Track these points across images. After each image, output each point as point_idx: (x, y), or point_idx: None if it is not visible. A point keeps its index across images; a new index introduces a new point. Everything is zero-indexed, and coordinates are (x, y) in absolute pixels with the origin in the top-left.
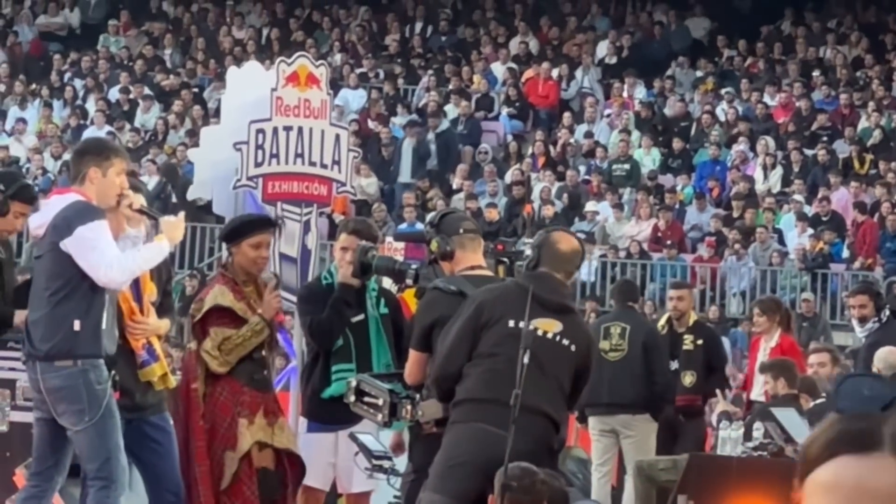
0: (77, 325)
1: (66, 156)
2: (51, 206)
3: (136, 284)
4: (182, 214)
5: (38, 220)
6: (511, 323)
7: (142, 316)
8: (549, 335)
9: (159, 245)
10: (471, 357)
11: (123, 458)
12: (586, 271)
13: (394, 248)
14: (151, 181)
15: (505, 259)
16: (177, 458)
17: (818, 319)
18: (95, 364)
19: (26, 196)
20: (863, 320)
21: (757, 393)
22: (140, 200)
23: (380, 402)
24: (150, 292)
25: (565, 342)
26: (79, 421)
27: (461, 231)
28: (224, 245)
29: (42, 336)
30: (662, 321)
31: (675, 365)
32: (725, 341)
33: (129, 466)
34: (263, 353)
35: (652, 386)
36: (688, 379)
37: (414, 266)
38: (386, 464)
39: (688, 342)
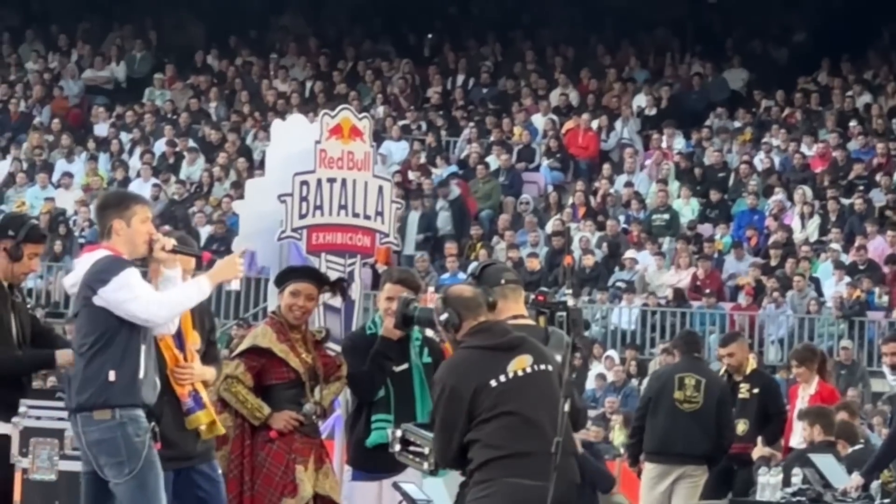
0: (112, 375)
1: None
2: (82, 264)
3: (178, 333)
4: (239, 253)
5: (72, 279)
6: (493, 383)
7: (186, 362)
8: (528, 370)
9: (198, 283)
10: (470, 428)
11: None
12: (627, 319)
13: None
14: (204, 231)
15: (545, 309)
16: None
17: (857, 367)
18: (133, 416)
19: (36, 237)
20: (894, 368)
21: (797, 440)
22: (171, 241)
23: (425, 450)
24: (194, 340)
25: (542, 366)
26: (119, 473)
27: (503, 282)
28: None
29: (78, 389)
30: (722, 370)
31: None
32: None
33: None
34: (314, 401)
35: (720, 439)
36: (741, 427)
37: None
38: None
39: (744, 391)
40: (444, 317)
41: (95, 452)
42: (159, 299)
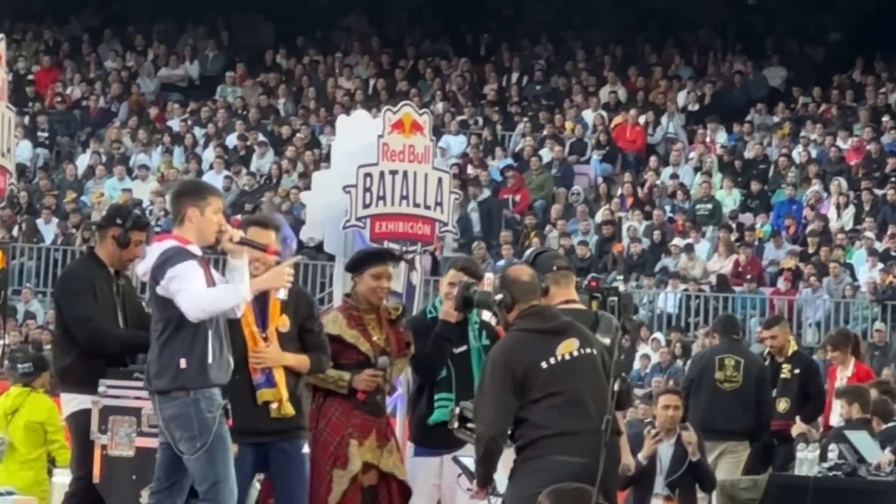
0: (183, 363)
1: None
2: (152, 253)
3: (262, 313)
4: (289, 264)
5: (143, 267)
6: (543, 364)
7: (263, 344)
8: (575, 353)
9: (239, 289)
10: (518, 407)
11: (233, 482)
12: (672, 303)
13: (487, 284)
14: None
15: (598, 294)
16: (304, 486)
17: (889, 348)
18: (207, 394)
19: (141, 225)
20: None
21: (836, 418)
22: (238, 233)
23: None
24: (281, 323)
25: (587, 350)
26: (191, 447)
27: (555, 268)
28: (350, 275)
29: (155, 374)
30: (765, 351)
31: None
32: None
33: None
34: (380, 379)
35: (760, 416)
36: (782, 405)
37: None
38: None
39: (786, 371)
40: (498, 297)
41: (171, 427)
42: (201, 296)
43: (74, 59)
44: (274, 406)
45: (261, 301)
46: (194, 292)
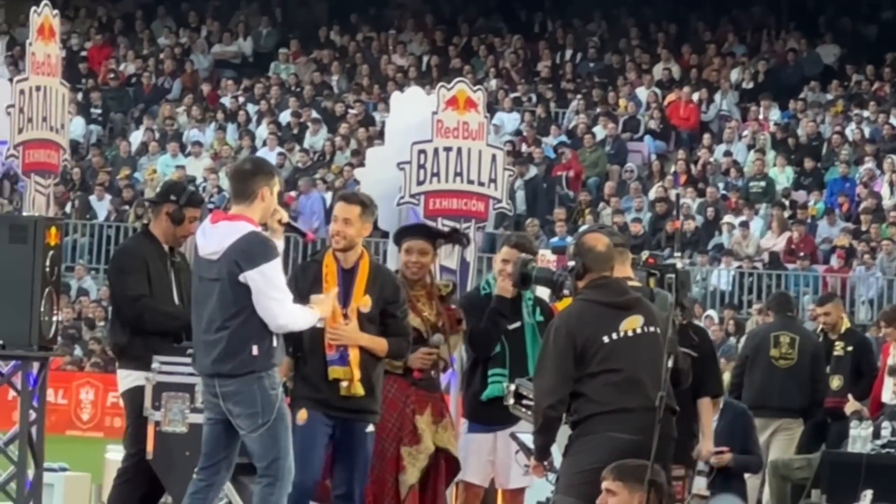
0: (255, 349)
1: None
2: (222, 232)
3: (346, 290)
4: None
5: (212, 245)
6: (605, 339)
7: (342, 321)
8: (638, 331)
9: (316, 315)
10: (576, 379)
11: (291, 459)
12: (725, 280)
13: (546, 261)
14: (328, 197)
15: (655, 272)
16: (364, 468)
17: None
18: (270, 371)
19: (196, 201)
20: None
21: (888, 395)
22: (286, 215)
23: None
24: (363, 303)
25: (650, 329)
26: (253, 424)
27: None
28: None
29: (220, 357)
30: (818, 328)
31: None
32: None
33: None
34: (434, 356)
35: (814, 393)
36: (836, 382)
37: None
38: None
39: (839, 348)
40: (570, 264)
41: (231, 404)
42: (295, 319)
43: (128, 35)
44: (344, 384)
45: (347, 278)
46: (287, 307)
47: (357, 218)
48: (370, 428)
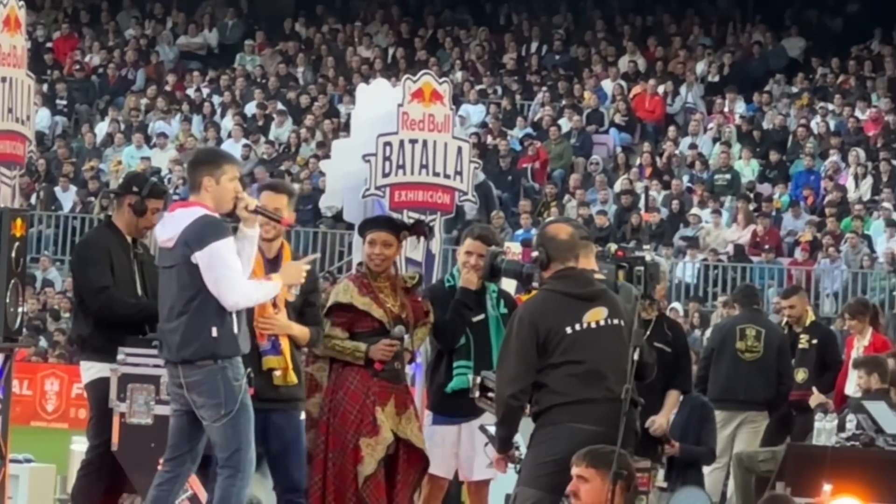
0: (215, 331)
1: None
2: (177, 219)
3: None
4: (307, 260)
5: (168, 232)
6: (568, 330)
7: (272, 311)
8: (602, 322)
9: (276, 284)
10: (538, 369)
11: (252, 450)
12: (690, 273)
13: (513, 253)
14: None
15: (625, 264)
16: (301, 454)
17: None
18: (233, 361)
19: (158, 192)
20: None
21: (852, 388)
22: (254, 202)
23: None
24: (287, 293)
25: (615, 321)
26: (215, 414)
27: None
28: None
29: (181, 343)
30: (783, 321)
31: None
32: None
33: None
34: (397, 348)
35: (780, 386)
36: (800, 375)
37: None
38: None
39: (803, 341)
40: (534, 254)
41: (195, 394)
42: (248, 294)
43: (93, 26)
44: (278, 374)
45: (271, 267)
46: (237, 283)
47: (286, 207)
48: (303, 416)
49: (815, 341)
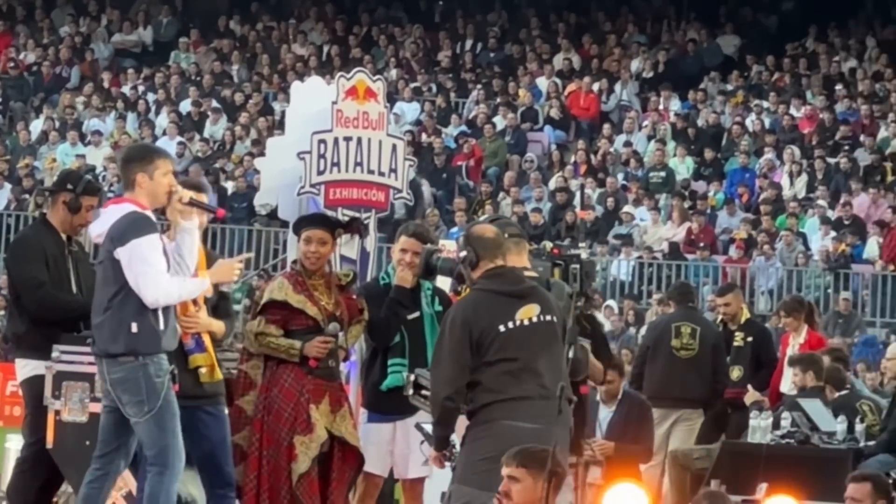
0: (135, 327)
1: None
2: (108, 215)
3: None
4: (240, 258)
5: (98, 228)
6: (501, 328)
7: (194, 309)
8: (535, 319)
9: (203, 281)
10: (473, 368)
11: (180, 446)
12: (624, 271)
13: (449, 251)
14: (228, 187)
15: (560, 262)
16: (228, 449)
17: (854, 317)
18: (156, 359)
19: (93, 190)
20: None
21: (787, 386)
22: (189, 194)
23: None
24: (208, 290)
25: (547, 318)
26: (139, 411)
27: (506, 235)
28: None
29: (105, 338)
30: (718, 319)
31: None
32: None
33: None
34: (331, 345)
35: (715, 384)
36: (735, 373)
37: None
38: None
39: (738, 339)
40: (462, 254)
41: (119, 391)
42: (167, 291)
43: (28, 24)
44: (204, 371)
45: None
46: (158, 280)
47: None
48: (226, 410)
49: (750, 339)
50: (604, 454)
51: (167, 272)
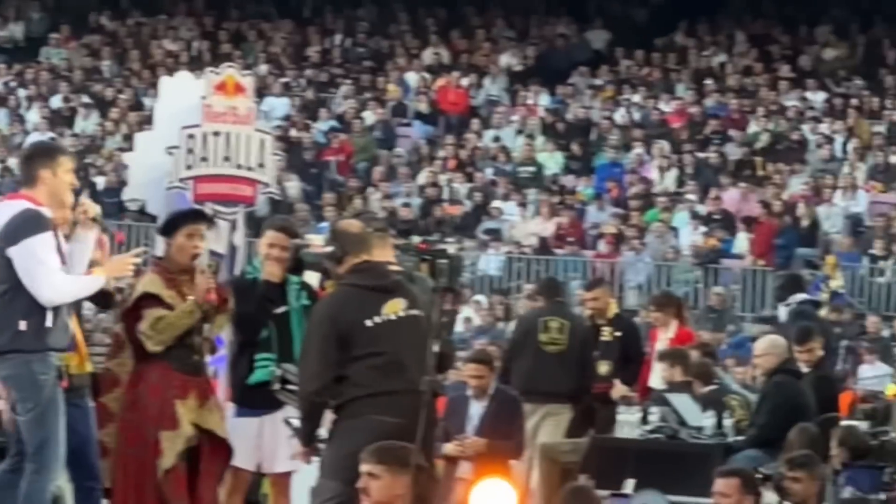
0: (22, 325)
1: (10, 161)
2: (1, 212)
3: None
4: (133, 254)
5: None
6: (368, 323)
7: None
8: (401, 314)
9: (98, 279)
10: (340, 363)
11: (60, 447)
12: (494, 266)
13: (317, 246)
14: (99, 182)
15: (428, 257)
16: (94, 442)
17: (727, 312)
18: (41, 356)
19: None
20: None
21: (656, 381)
22: (96, 209)
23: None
24: None
25: (413, 312)
26: (23, 408)
27: (370, 230)
28: (163, 238)
29: None
30: (586, 313)
31: None
32: None
33: None
34: (195, 338)
35: (582, 379)
36: (603, 368)
37: None
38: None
39: (606, 333)
40: (328, 249)
41: (7, 388)
42: (61, 290)
43: None
44: (75, 363)
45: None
46: (52, 279)
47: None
48: (92, 403)
49: (618, 334)
50: (475, 451)
51: (61, 270)
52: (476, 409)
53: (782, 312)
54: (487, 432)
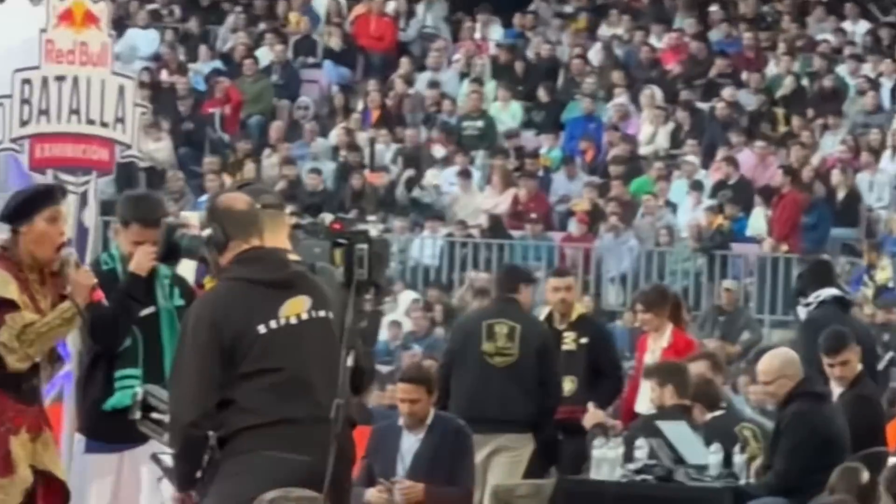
0: None
1: None
2: None
3: None
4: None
5: None
6: (261, 329)
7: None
8: (304, 316)
9: None
10: (224, 384)
11: None
12: (430, 254)
13: (194, 226)
14: None
15: (344, 241)
16: None
17: (740, 314)
18: None
19: None
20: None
21: (644, 404)
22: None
23: (167, 418)
24: None
25: (321, 313)
26: None
27: (260, 206)
28: (8, 226)
29: None
30: (544, 314)
31: None
32: None
33: None
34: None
35: (545, 399)
36: (567, 386)
37: None
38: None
39: (569, 341)
40: (206, 232)
41: None
42: None
43: None
44: None
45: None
46: None
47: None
48: None
49: (584, 341)
50: (408, 500)
51: None
52: (410, 442)
53: (802, 313)
54: (425, 474)
